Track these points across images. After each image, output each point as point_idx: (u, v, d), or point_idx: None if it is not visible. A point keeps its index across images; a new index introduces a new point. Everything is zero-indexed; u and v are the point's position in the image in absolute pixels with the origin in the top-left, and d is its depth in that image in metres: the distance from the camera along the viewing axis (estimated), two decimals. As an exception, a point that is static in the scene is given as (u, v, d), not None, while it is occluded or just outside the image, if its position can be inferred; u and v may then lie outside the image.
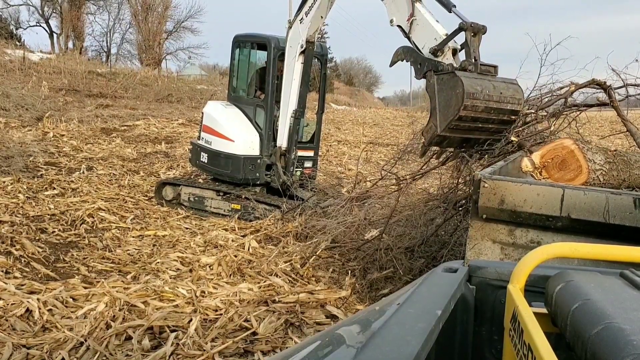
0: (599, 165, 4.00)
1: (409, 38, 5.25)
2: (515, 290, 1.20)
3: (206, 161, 7.98)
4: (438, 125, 4.38)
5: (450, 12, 4.83)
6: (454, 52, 4.81)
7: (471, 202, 3.43)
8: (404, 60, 5.17)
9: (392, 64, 5.35)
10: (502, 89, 4.51)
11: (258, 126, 7.71)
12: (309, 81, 7.45)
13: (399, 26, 5.36)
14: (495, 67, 4.71)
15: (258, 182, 7.66)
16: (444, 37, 4.80)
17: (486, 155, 4.68)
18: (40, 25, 40.38)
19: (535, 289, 1.30)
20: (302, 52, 7.12)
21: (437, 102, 4.47)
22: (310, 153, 8.08)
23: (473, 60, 4.59)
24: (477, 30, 4.67)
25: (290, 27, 7.16)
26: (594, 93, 4.94)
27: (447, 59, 4.74)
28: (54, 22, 40.20)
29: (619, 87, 4.80)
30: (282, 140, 7.49)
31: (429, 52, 4.89)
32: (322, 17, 6.86)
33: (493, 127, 4.51)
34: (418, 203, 5.50)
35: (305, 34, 6.95)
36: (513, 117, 4.52)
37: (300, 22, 6.98)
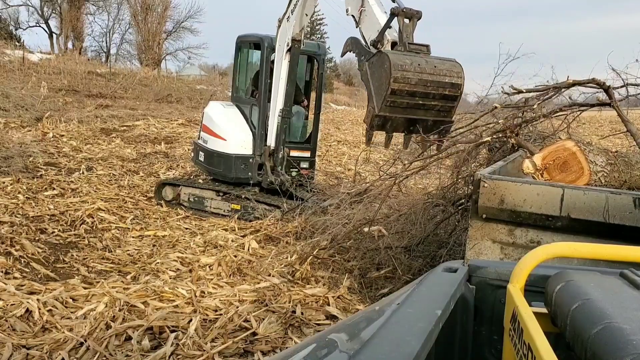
0: (600, 167, 4.01)
1: (359, 29, 5.26)
2: (515, 290, 1.20)
3: (203, 160, 8.11)
4: (375, 105, 4.32)
5: (394, 1, 4.76)
6: (394, 45, 4.77)
7: (471, 202, 3.43)
8: (351, 52, 5.18)
9: (342, 54, 5.43)
10: (436, 63, 4.47)
11: (253, 125, 7.73)
12: (295, 80, 7.40)
13: (353, 16, 5.36)
14: (427, 46, 4.65)
15: (251, 182, 7.67)
16: None
17: (441, 137, 4.60)
18: (40, 26, 40.42)
19: (535, 288, 1.30)
20: (289, 51, 7.08)
21: (372, 85, 4.42)
22: (307, 154, 8.02)
23: (405, 44, 4.54)
24: (410, 16, 4.62)
25: (279, 26, 7.16)
26: (594, 93, 4.93)
27: (386, 50, 4.69)
28: (53, 23, 40.25)
29: (619, 87, 4.80)
30: (271, 140, 7.48)
31: (371, 44, 4.86)
32: (306, 14, 6.82)
33: (437, 104, 4.40)
34: (417, 202, 5.50)
35: (291, 32, 6.93)
36: (455, 91, 4.41)
37: (287, 21, 6.97)
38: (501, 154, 4.96)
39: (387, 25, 4.74)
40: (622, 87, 4.81)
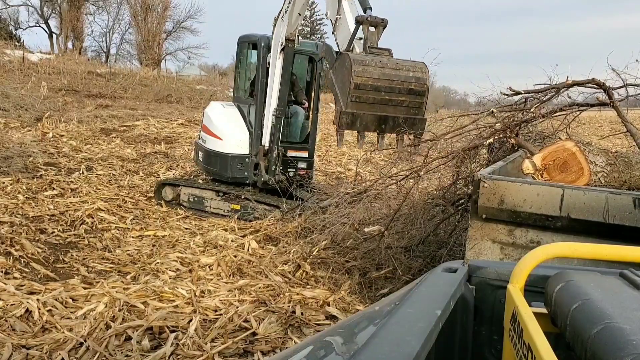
0: (600, 167, 4.01)
1: (334, 35, 5.26)
2: (515, 290, 1.20)
3: (202, 159, 8.16)
4: (341, 102, 4.31)
5: (365, 12, 4.74)
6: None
7: (471, 202, 3.43)
8: (325, 59, 5.19)
9: (319, 59, 5.41)
10: (398, 60, 4.48)
11: (250, 125, 7.74)
12: (289, 79, 7.39)
13: (331, 20, 5.36)
14: (388, 49, 4.66)
15: (247, 182, 7.67)
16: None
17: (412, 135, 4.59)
18: (40, 26, 40.41)
19: (535, 289, 1.30)
20: (283, 50, 7.07)
21: (336, 86, 4.42)
22: (304, 154, 8.01)
23: (367, 48, 4.55)
24: (376, 24, 4.62)
25: (274, 25, 7.17)
26: (593, 93, 4.94)
27: (346, 52, 4.68)
28: (53, 23, 40.24)
29: (618, 87, 4.80)
30: (265, 139, 7.48)
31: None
32: (299, 14, 6.79)
33: (405, 100, 4.37)
34: (417, 202, 5.50)
35: (286, 31, 6.92)
36: (421, 86, 4.38)
37: (281, 20, 6.96)
38: (501, 154, 4.96)
39: (354, 35, 4.74)
40: (621, 87, 4.81)
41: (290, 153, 7.72)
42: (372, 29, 4.61)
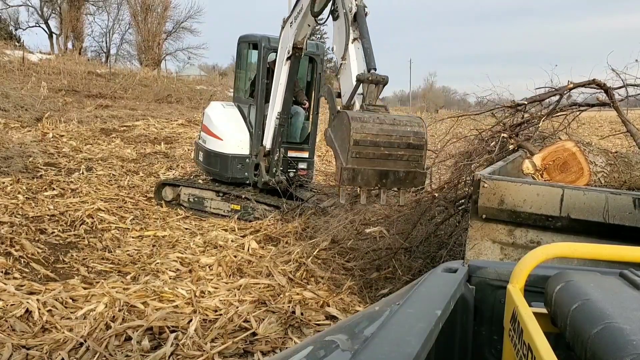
0: (600, 167, 4.01)
1: (338, 78, 5.26)
2: (515, 290, 1.20)
3: (202, 160, 8.15)
4: (342, 159, 4.36)
5: (369, 71, 4.76)
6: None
7: (471, 202, 3.43)
8: (326, 100, 5.22)
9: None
10: (395, 116, 4.56)
11: (251, 125, 7.73)
12: (293, 87, 7.35)
13: (336, 60, 5.34)
14: (384, 106, 4.73)
15: (247, 182, 7.66)
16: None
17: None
18: (40, 26, 40.41)
19: (535, 289, 1.30)
20: (289, 58, 6.97)
21: (336, 144, 4.49)
22: (305, 154, 8.02)
23: (363, 106, 4.62)
24: (377, 82, 4.67)
25: (283, 27, 7.08)
26: (593, 93, 4.94)
27: (343, 110, 4.71)
28: (53, 23, 40.24)
29: (618, 87, 4.81)
30: (267, 141, 7.47)
31: (341, 107, 4.89)
32: (309, 25, 6.67)
33: (404, 154, 4.40)
34: (417, 202, 5.50)
35: (293, 39, 6.81)
36: (419, 139, 4.43)
37: (290, 26, 6.85)
38: (501, 154, 4.96)
39: (355, 91, 4.77)
40: (621, 87, 4.82)
41: (291, 153, 7.72)
42: (372, 86, 4.66)
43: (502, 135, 4.74)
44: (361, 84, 4.64)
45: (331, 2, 5.44)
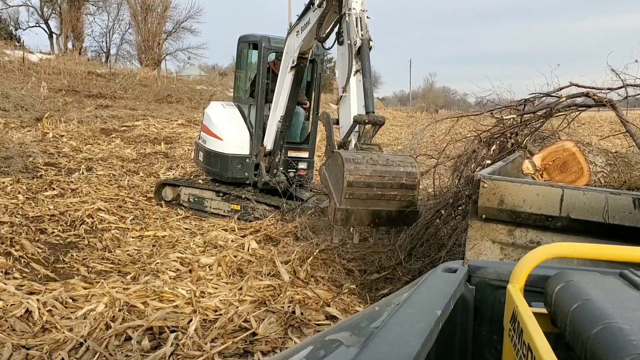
0: (600, 168, 4.01)
1: (337, 109, 5.32)
2: (515, 290, 1.20)
3: (202, 160, 8.15)
4: (335, 200, 4.40)
5: (367, 114, 4.84)
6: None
7: (471, 202, 3.43)
8: (324, 125, 5.28)
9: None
10: (388, 156, 4.64)
11: (251, 125, 7.73)
12: (296, 97, 7.34)
13: (338, 90, 5.39)
14: (377, 145, 4.83)
15: (247, 182, 7.66)
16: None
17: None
18: (40, 26, 40.41)
19: (535, 289, 1.30)
20: (294, 67, 6.92)
21: (330, 183, 4.55)
22: (305, 154, 8.03)
23: (357, 146, 4.72)
24: (374, 123, 4.75)
25: (289, 33, 7.03)
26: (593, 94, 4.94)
27: (337, 150, 4.78)
28: (53, 23, 40.24)
29: (618, 88, 4.81)
30: (268, 142, 7.46)
31: (337, 145, 4.97)
32: (315, 38, 6.65)
33: (397, 194, 4.44)
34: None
35: (299, 49, 6.77)
36: (411, 180, 4.48)
37: (297, 35, 6.80)
38: (501, 155, 4.97)
39: (352, 130, 4.85)
40: (620, 87, 4.82)
41: (291, 153, 7.72)
42: (369, 126, 4.73)
43: (502, 135, 4.74)
44: (357, 125, 4.72)
45: (337, 26, 5.49)
